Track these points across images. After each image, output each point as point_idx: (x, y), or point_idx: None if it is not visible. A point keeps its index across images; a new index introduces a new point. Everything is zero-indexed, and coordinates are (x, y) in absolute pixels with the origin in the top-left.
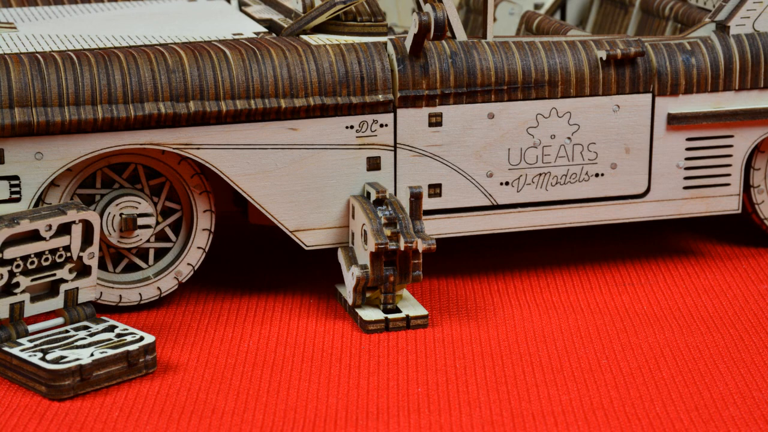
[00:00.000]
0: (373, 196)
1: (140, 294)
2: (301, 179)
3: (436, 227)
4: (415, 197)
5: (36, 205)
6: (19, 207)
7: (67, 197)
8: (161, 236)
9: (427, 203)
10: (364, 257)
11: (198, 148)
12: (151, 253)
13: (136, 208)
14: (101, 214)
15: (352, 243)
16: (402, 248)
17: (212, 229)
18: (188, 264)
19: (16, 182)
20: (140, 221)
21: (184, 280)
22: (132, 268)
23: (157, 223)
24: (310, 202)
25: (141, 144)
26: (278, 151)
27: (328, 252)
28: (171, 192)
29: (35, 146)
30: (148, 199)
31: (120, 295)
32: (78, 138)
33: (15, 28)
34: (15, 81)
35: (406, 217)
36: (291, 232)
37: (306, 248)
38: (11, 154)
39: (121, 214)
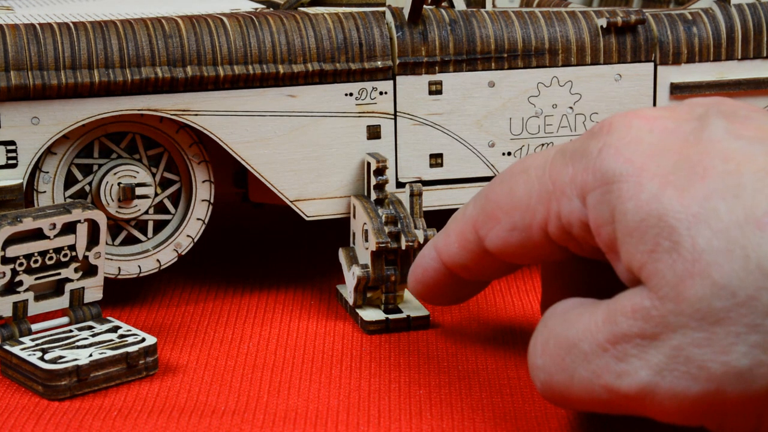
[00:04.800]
0: (374, 166)
1: (139, 267)
2: (301, 147)
3: (438, 198)
4: (414, 194)
5: (33, 171)
6: (16, 173)
7: (65, 166)
8: (160, 209)
9: (429, 173)
10: (365, 257)
11: (196, 115)
12: (150, 225)
13: (134, 177)
14: (99, 184)
15: (353, 243)
16: (403, 247)
17: (211, 200)
18: (188, 236)
19: (13, 147)
20: (138, 191)
21: (183, 252)
22: (131, 240)
23: (156, 194)
24: (311, 171)
25: (138, 109)
26: (277, 118)
27: (329, 251)
28: (169, 163)
29: (32, 111)
30: (146, 169)
31: (119, 267)
32: (75, 102)
33: (12, 9)
34: (11, 44)
35: (408, 216)
36: (291, 201)
37: (306, 218)
38: (7, 118)
39: (119, 183)
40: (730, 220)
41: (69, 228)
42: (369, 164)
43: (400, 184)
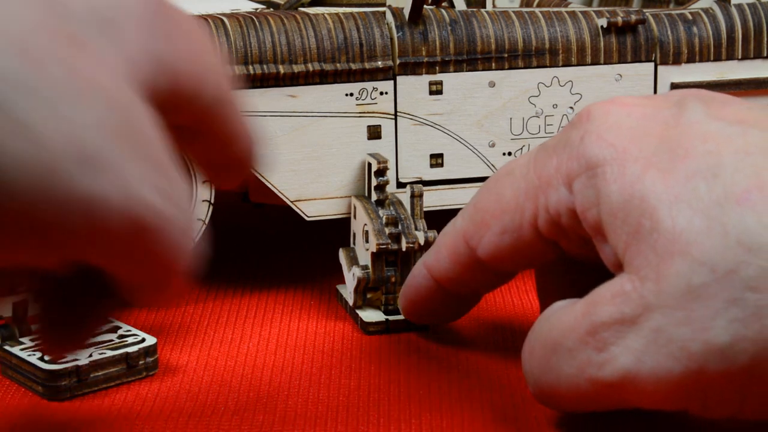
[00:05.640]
0: (375, 167)
1: None
2: (302, 147)
3: (439, 198)
4: (414, 196)
5: None
6: None
7: None
8: None
9: (429, 174)
10: (365, 257)
11: None
12: None
13: None
14: None
15: (354, 243)
16: (404, 249)
17: (212, 201)
18: None
19: None
20: None
21: None
22: None
23: None
24: (311, 171)
25: None
26: (277, 118)
27: (329, 251)
28: None
29: None
30: None
31: None
32: None
33: None
34: None
35: (408, 218)
36: (292, 202)
37: (307, 218)
38: None
39: None
40: (710, 199)
41: None
42: (370, 165)
43: (400, 184)
